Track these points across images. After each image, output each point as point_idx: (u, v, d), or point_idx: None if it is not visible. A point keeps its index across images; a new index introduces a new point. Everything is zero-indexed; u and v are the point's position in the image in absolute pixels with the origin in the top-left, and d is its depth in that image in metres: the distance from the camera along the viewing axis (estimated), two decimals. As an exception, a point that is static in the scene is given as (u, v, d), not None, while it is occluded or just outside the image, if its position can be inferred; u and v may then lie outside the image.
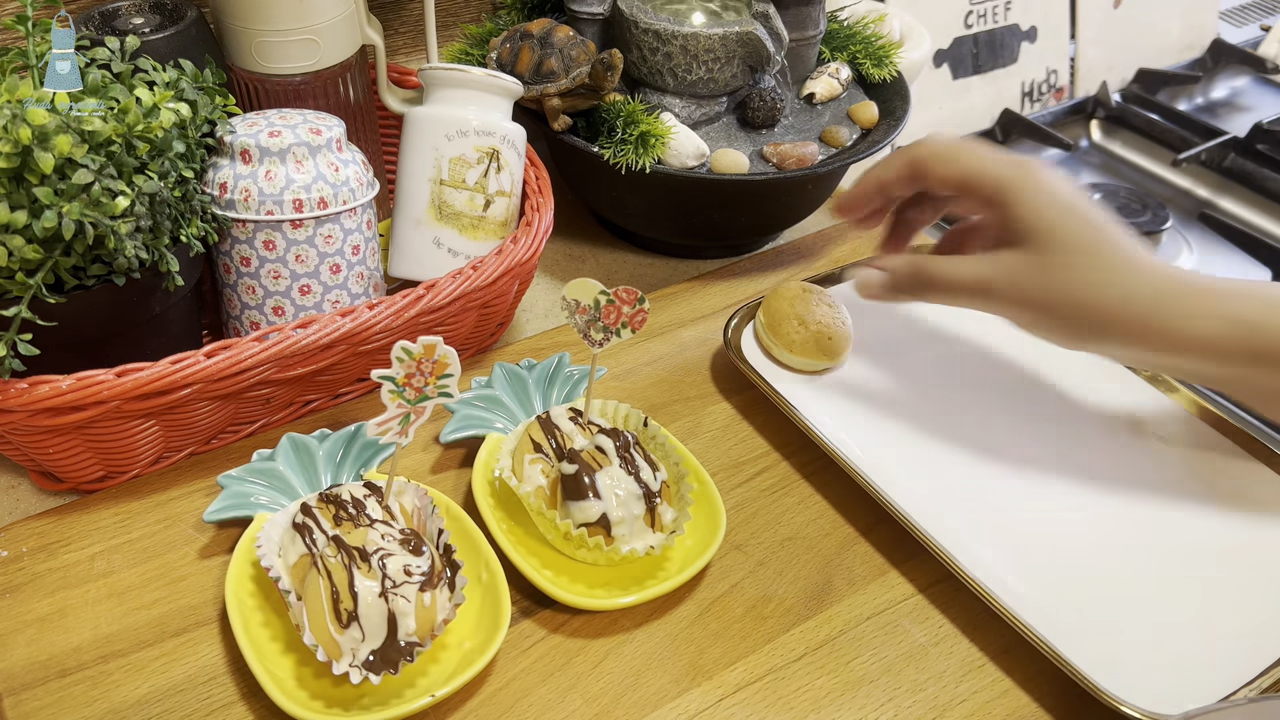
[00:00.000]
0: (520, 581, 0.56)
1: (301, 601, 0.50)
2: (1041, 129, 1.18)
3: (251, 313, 0.64)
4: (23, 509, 0.61)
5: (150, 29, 0.62)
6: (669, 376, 0.72)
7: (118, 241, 0.52)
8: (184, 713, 0.51)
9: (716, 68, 0.76)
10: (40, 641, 0.53)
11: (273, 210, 0.61)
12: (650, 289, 0.81)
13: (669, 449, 0.61)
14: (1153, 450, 0.68)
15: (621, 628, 0.56)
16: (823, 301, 0.72)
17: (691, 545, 0.59)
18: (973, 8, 1.16)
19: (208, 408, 0.59)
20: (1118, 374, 0.73)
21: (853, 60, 0.86)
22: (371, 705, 0.50)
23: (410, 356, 0.50)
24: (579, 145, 0.74)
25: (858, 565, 0.61)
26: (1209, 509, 0.64)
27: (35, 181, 0.50)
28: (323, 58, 0.67)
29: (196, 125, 0.59)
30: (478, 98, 0.67)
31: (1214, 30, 1.41)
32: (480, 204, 0.67)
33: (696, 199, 0.77)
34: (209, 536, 0.59)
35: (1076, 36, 1.27)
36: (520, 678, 0.54)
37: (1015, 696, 0.55)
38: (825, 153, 0.79)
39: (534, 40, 0.74)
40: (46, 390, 0.52)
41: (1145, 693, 0.53)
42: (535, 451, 0.59)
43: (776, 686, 0.54)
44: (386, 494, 0.56)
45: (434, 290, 0.62)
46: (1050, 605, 0.57)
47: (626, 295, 0.57)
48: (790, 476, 0.66)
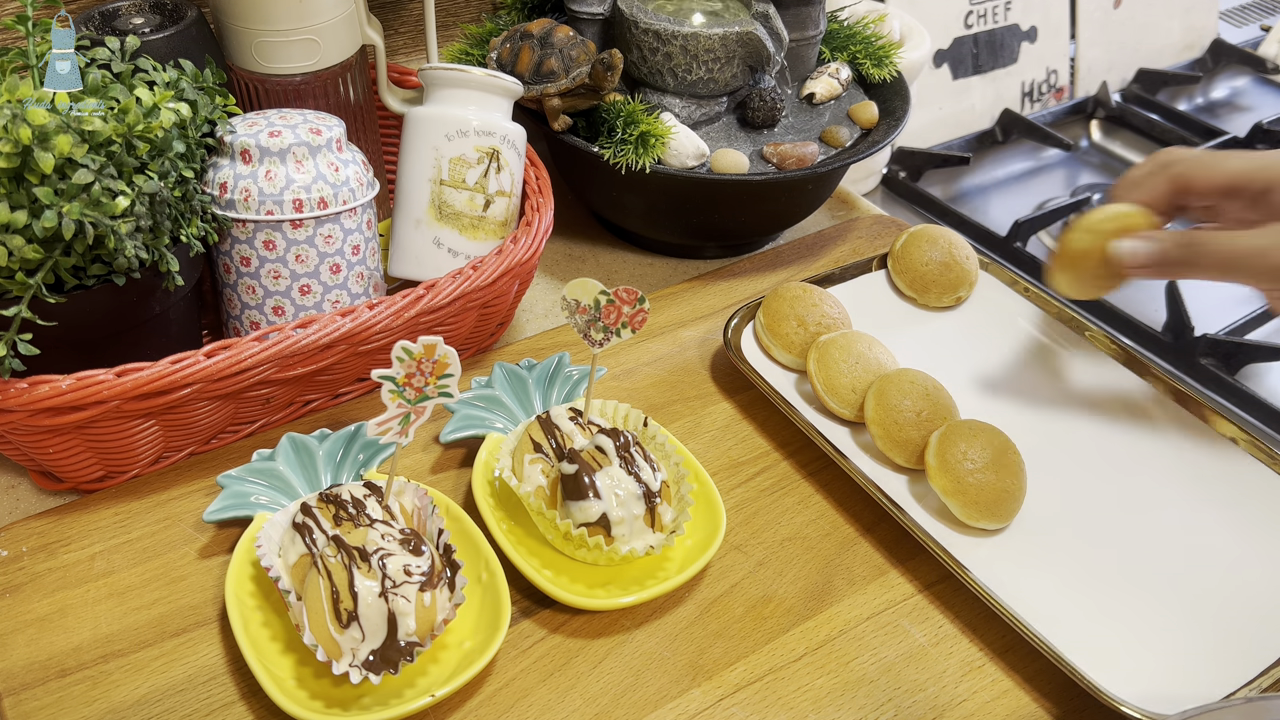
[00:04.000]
0: (520, 581, 0.56)
1: (301, 601, 0.50)
2: (1041, 129, 1.18)
3: (251, 313, 0.64)
4: (23, 509, 0.61)
5: (150, 29, 0.62)
6: (669, 376, 0.72)
7: (118, 241, 0.52)
8: (184, 713, 0.51)
9: (716, 68, 0.76)
10: (40, 641, 0.53)
11: (273, 210, 0.61)
12: (650, 289, 0.82)
13: (669, 449, 0.61)
14: (1153, 451, 0.68)
15: (621, 628, 0.56)
16: (823, 302, 0.72)
17: (691, 545, 0.59)
18: (973, 8, 1.16)
19: (208, 408, 0.59)
20: (1116, 373, 0.73)
21: (853, 60, 0.86)
22: (371, 705, 0.50)
23: (410, 356, 0.50)
24: (579, 145, 0.74)
25: (858, 565, 0.61)
26: (1209, 509, 0.64)
27: (35, 181, 0.50)
28: (323, 58, 0.67)
29: (196, 125, 0.59)
30: (478, 98, 0.67)
31: (1214, 30, 1.41)
32: (480, 204, 0.67)
33: (696, 199, 0.77)
34: (209, 536, 0.59)
35: (1076, 36, 1.27)
36: (520, 678, 0.54)
37: (1015, 696, 0.55)
38: (825, 153, 0.79)
39: (534, 40, 0.74)
40: (46, 390, 0.52)
41: (1145, 693, 0.53)
42: (535, 451, 0.59)
43: (776, 686, 0.54)
44: (386, 494, 0.56)
45: (434, 290, 0.62)
46: (1050, 605, 0.57)
47: (626, 295, 0.57)
48: (790, 476, 0.66)
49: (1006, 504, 0.60)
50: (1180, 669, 0.55)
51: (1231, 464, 0.67)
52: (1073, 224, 0.62)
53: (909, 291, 0.78)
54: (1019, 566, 0.59)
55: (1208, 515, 0.64)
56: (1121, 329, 0.93)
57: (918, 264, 0.77)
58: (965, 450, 0.60)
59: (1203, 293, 0.93)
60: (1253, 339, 0.91)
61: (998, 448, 0.61)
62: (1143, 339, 0.92)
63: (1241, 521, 0.64)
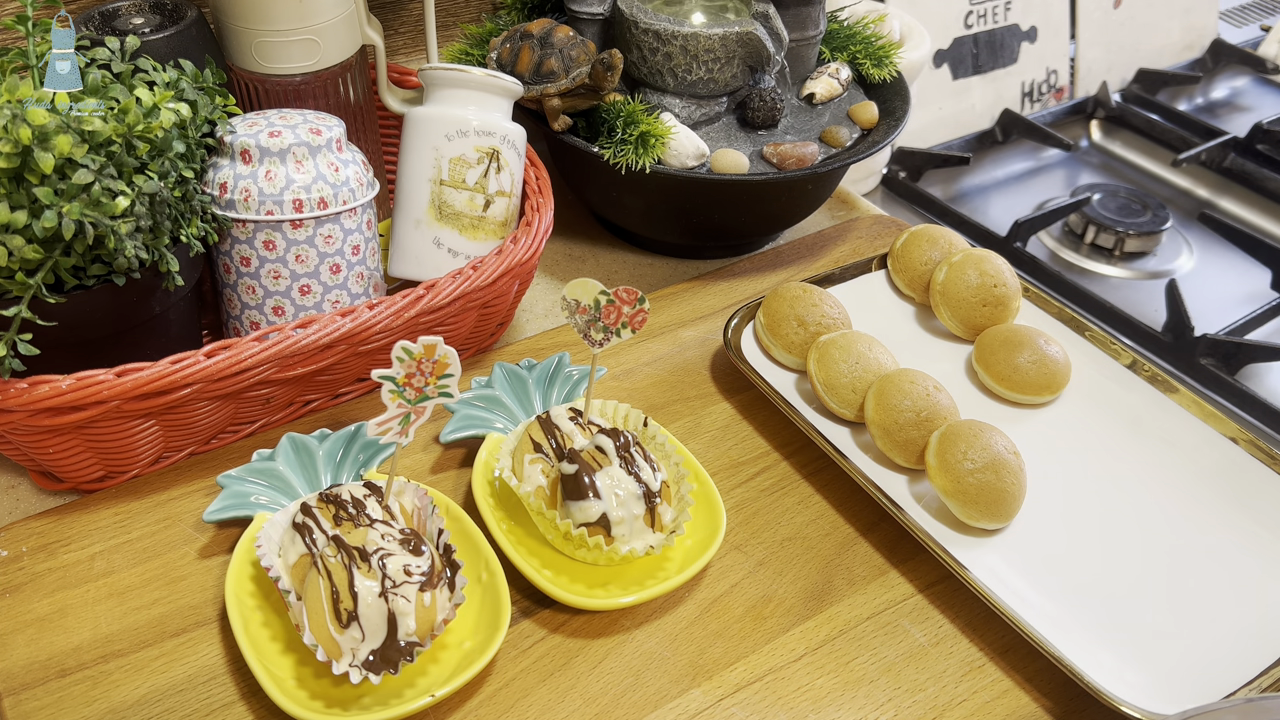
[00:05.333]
0: (520, 581, 0.56)
1: (301, 601, 0.50)
2: (1041, 129, 1.18)
3: (251, 313, 0.64)
4: (23, 509, 0.61)
5: (150, 29, 0.62)
6: (669, 376, 0.72)
7: (118, 241, 0.52)
8: (184, 713, 0.51)
9: (716, 68, 0.76)
10: (40, 641, 0.53)
11: (273, 210, 0.61)
12: (650, 289, 0.82)
13: (669, 449, 0.61)
14: (1152, 450, 0.68)
15: (621, 628, 0.56)
16: (823, 302, 0.72)
17: (691, 545, 0.59)
18: (973, 8, 1.16)
19: (208, 408, 0.59)
20: (1115, 373, 0.73)
21: (853, 60, 0.86)
22: (371, 705, 0.50)
23: (410, 356, 0.50)
24: (579, 145, 0.74)
25: (858, 565, 0.61)
26: (1209, 509, 0.64)
27: (35, 181, 0.50)
28: (323, 58, 0.67)
29: (196, 125, 0.59)
30: (478, 98, 0.67)
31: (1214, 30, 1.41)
32: (480, 204, 0.67)
33: (696, 199, 0.77)
34: (209, 536, 0.59)
35: (1076, 36, 1.27)
36: (520, 678, 0.54)
37: (1015, 696, 0.55)
38: (825, 153, 0.79)
39: (534, 40, 0.74)
40: (46, 390, 0.52)
41: (1145, 693, 0.53)
42: (535, 451, 0.59)
43: (776, 686, 0.54)
44: (386, 494, 0.56)
45: (434, 290, 0.62)
46: (1050, 605, 0.57)
47: (626, 295, 0.57)
48: (790, 476, 0.66)
49: (1006, 504, 0.60)
50: (1180, 669, 0.55)
51: (1231, 464, 0.67)
52: None
53: (909, 291, 0.78)
54: (1019, 566, 0.59)
55: (1208, 515, 0.64)
56: (1121, 329, 0.93)
57: (918, 264, 0.77)
58: (965, 450, 0.60)
59: (1203, 293, 0.93)
60: (1253, 339, 0.91)
61: (998, 448, 0.61)
62: (1143, 339, 0.92)
63: (1242, 521, 0.64)
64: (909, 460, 0.64)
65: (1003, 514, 0.60)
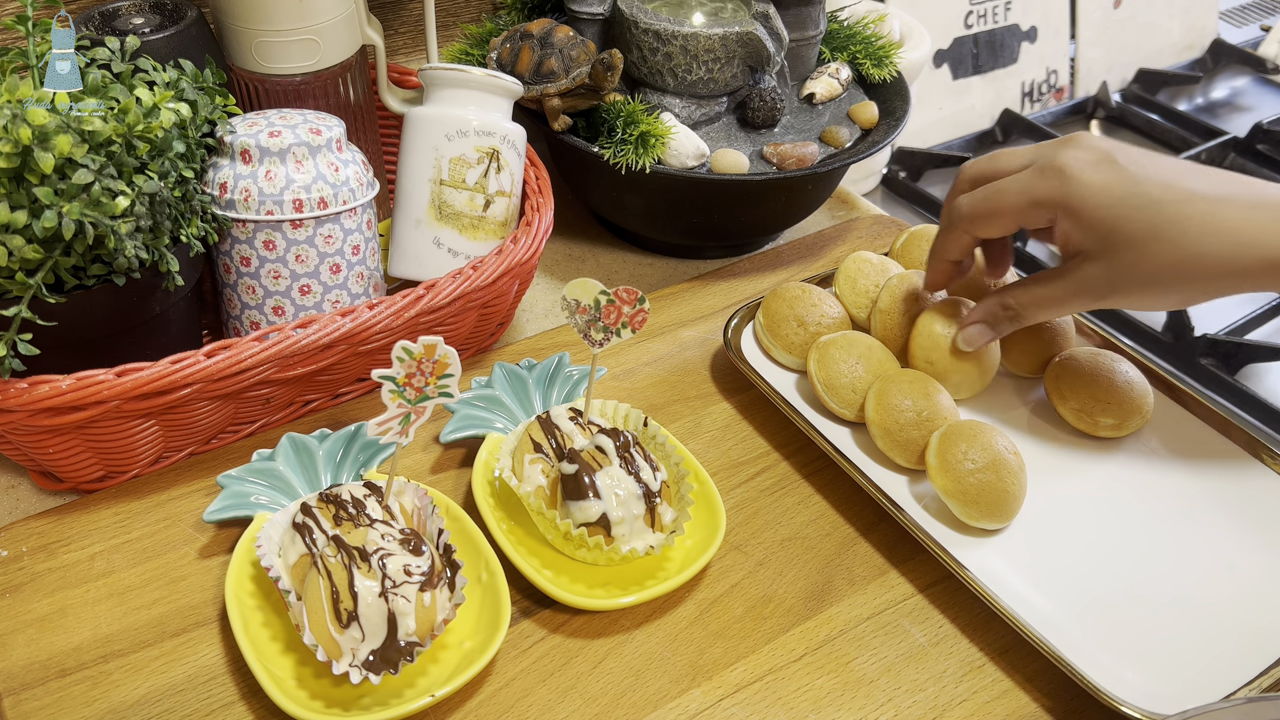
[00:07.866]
0: (520, 581, 0.56)
1: (301, 601, 0.50)
2: (1041, 129, 1.18)
3: (251, 313, 0.64)
4: (23, 509, 0.61)
5: (150, 29, 0.63)
6: (669, 376, 0.72)
7: (118, 241, 0.52)
8: (184, 713, 0.51)
9: (716, 68, 0.76)
10: (40, 641, 0.53)
11: (273, 210, 0.61)
12: (650, 289, 0.82)
13: (669, 449, 0.61)
14: (1152, 450, 0.68)
15: (621, 628, 0.56)
16: (823, 302, 0.72)
17: (691, 545, 0.59)
18: (973, 8, 1.16)
19: (208, 408, 0.59)
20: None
21: (853, 60, 0.86)
22: (371, 705, 0.50)
23: (410, 356, 0.50)
24: (579, 145, 0.74)
25: (858, 565, 0.61)
26: (1209, 509, 0.64)
27: (35, 181, 0.50)
28: (323, 58, 0.67)
29: (196, 125, 0.59)
30: (478, 98, 0.67)
31: (1214, 30, 1.41)
32: (480, 204, 0.67)
33: (696, 199, 0.77)
34: (209, 536, 0.59)
35: (1076, 36, 1.27)
36: (520, 678, 0.54)
37: (1015, 696, 0.55)
38: (825, 153, 0.79)
39: (534, 40, 0.74)
40: (46, 390, 0.52)
41: (1145, 693, 0.53)
42: (535, 451, 0.59)
43: (776, 686, 0.54)
44: (386, 494, 0.56)
45: (434, 290, 0.62)
46: (1050, 605, 0.57)
47: (626, 295, 0.57)
48: (790, 476, 0.66)
49: (1006, 504, 0.60)
50: (1180, 669, 0.55)
51: (1231, 463, 0.67)
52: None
53: (909, 291, 0.78)
54: (1019, 566, 0.59)
55: (1208, 515, 0.64)
56: (1121, 329, 0.93)
57: (918, 264, 0.77)
58: (965, 450, 0.60)
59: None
60: (1253, 339, 0.91)
61: (998, 448, 0.61)
62: (1143, 339, 0.92)
63: (1242, 521, 0.63)
64: (909, 460, 0.64)
65: (1003, 514, 0.60)
